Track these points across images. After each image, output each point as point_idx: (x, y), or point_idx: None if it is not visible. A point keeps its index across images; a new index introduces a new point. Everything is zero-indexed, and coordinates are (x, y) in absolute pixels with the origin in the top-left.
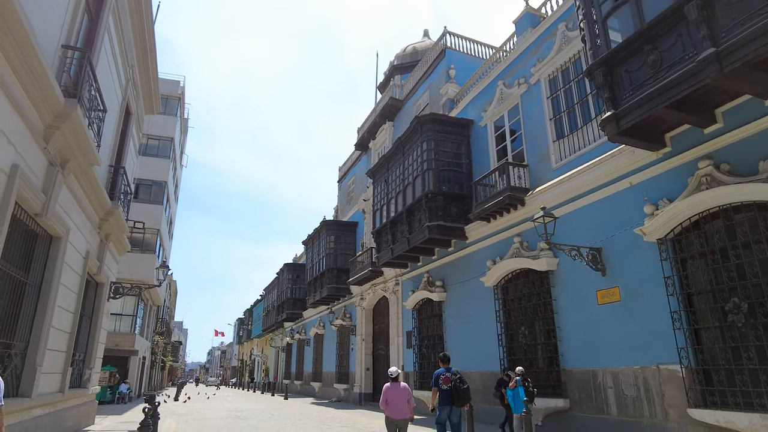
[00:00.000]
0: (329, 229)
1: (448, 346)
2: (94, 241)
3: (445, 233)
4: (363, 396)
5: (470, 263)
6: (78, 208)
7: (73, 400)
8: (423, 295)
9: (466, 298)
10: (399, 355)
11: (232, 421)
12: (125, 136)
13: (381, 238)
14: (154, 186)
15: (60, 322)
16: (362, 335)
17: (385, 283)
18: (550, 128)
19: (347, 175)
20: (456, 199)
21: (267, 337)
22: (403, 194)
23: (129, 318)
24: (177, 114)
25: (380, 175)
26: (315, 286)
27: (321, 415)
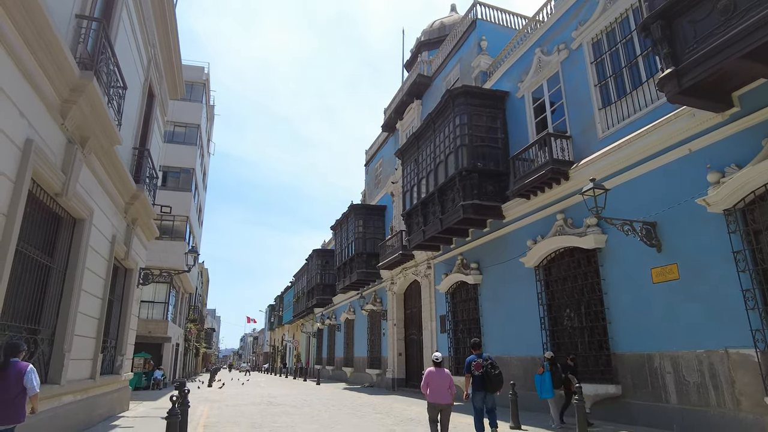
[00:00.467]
0: (357, 213)
1: (485, 330)
2: (121, 226)
3: (480, 213)
4: (396, 381)
5: (508, 244)
6: (101, 190)
7: (106, 387)
8: (457, 278)
9: (504, 281)
10: (432, 340)
11: (265, 408)
12: (149, 119)
13: (412, 220)
14: (182, 173)
15: (87, 307)
16: (393, 320)
17: (416, 267)
18: (595, 95)
19: (374, 158)
20: (492, 177)
21: (298, 323)
22: (435, 173)
23: (161, 305)
24: (202, 100)
25: (410, 154)
26: (344, 272)
27: (354, 402)
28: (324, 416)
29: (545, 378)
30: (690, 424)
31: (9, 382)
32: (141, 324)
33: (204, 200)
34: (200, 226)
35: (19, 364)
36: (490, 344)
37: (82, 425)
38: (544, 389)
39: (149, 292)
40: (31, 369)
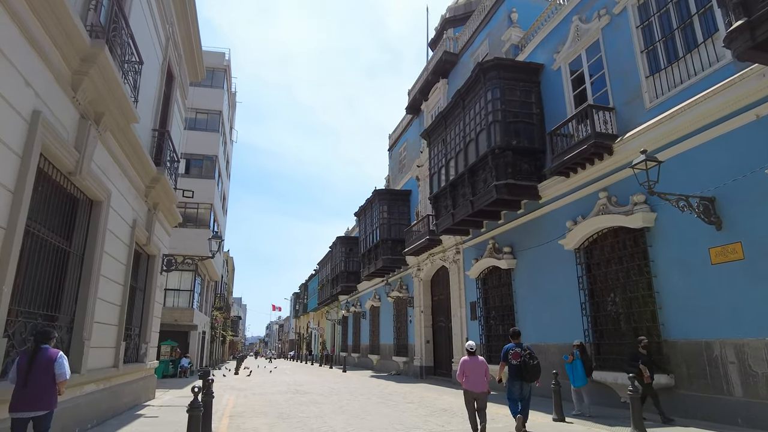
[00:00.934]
0: (382, 198)
1: (519, 317)
2: (141, 210)
3: (515, 193)
4: (424, 369)
5: (544, 225)
6: (119, 171)
7: (130, 375)
8: (488, 263)
9: (541, 264)
10: (462, 327)
11: (292, 396)
12: (169, 101)
13: (439, 204)
14: (205, 160)
15: (108, 293)
16: (420, 307)
17: (444, 252)
18: (641, 62)
19: (398, 142)
20: (527, 154)
21: (323, 311)
22: (465, 153)
23: (187, 293)
24: (224, 86)
25: (437, 135)
26: (369, 258)
27: (383, 390)
28: (353, 406)
29: (576, 366)
30: (758, 418)
31: (40, 368)
32: (167, 312)
33: (228, 188)
34: (225, 215)
35: (49, 351)
36: (525, 331)
37: (106, 415)
38: (576, 378)
39: (174, 280)
40: (62, 356)
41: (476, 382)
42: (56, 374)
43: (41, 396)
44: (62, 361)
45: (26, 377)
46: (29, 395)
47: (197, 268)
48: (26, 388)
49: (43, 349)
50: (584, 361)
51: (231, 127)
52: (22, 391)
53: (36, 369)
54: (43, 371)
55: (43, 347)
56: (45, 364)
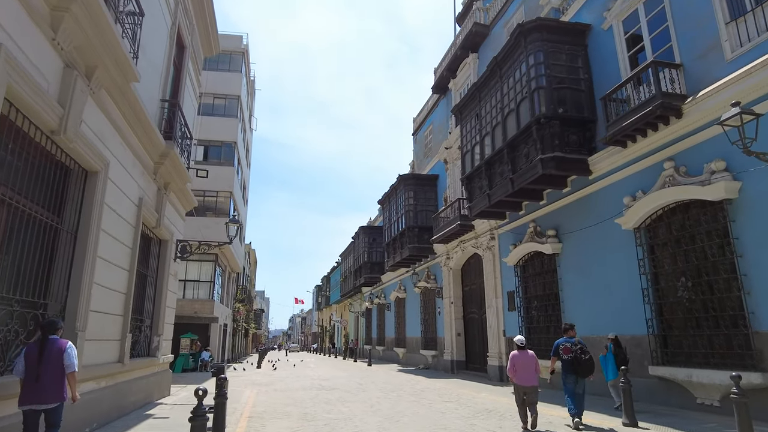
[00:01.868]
0: (407, 184)
1: (567, 306)
2: (150, 189)
3: (563, 168)
4: (455, 364)
5: (596, 204)
6: (119, 139)
7: (140, 371)
8: (529, 249)
9: (591, 248)
10: (498, 318)
11: (317, 393)
12: (180, 73)
13: (473, 185)
14: (223, 147)
15: (108, 279)
16: (450, 298)
17: (476, 239)
18: (719, 6)
19: (423, 125)
20: (575, 125)
21: (345, 303)
22: (503, 126)
23: (207, 284)
24: (242, 70)
25: (469, 110)
26: (394, 248)
27: (414, 386)
28: (384, 405)
29: (609, 359)
30: None
31: (50, 360)
32: (186, 304)
33: (248, 178)
34: (245, 205)
35: (58, 342)
36: (575, 322)
37: (110, 416)
38: (609, 371)
39: (194, 271)
40: (71, 346)
41: (526, 376)
42: (65, 365)
43: (52, 388)
44: (71, 352)
45: (38, 370)
46: (40, 388)
47: (217, 258)
48: (38, 381)
49: (51, 340)
50: (617, 355)
51: (250, 114)
52: (34, 384)
53: (46, 361)
54: (53, 363)
55: (51, 338)
56: (55, 356)
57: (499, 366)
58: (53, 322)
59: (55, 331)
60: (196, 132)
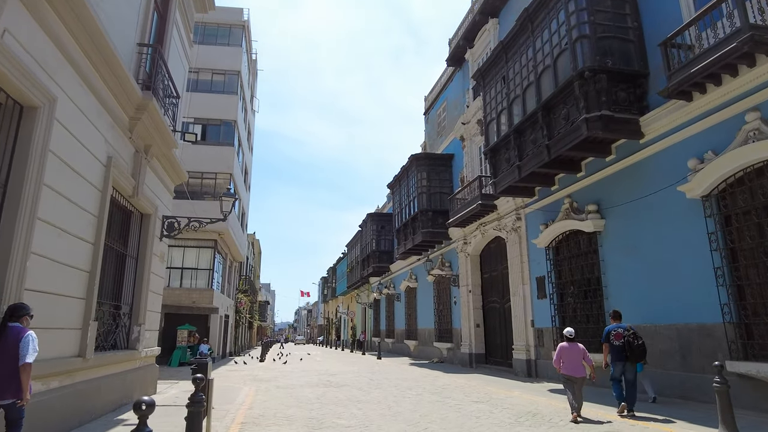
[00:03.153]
0: (420, 164)
1: (611, 291)
2: (124, 149)
3: (611, 129)
4: (474, 357)
5: (649, 171)
6: (74, 74)
7: (113, 367)
8: (564, 227)
9: (643, 223)
10: (526, 307)
11: (324, 391)
12: (165, 21)
13: (498, 157)
14: (223, 126)
15: (59, 250)
16: (468, 286)
17: (499, 221)
18: None
19: (436, 102)
20: (624, 80)
21: (352, 294)
22: (536, 87)
23: (205, 272)
24: (242, 45)
25: (494, 73)
26: (405, 234)
27: (433, 382)
28: (405, 406)
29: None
30: None
31: (5, 350)
32: (184, 293)
33: (250, 162)
34: (247, 191)
35: (16, 330)
36: (623, 309)
37: (68, 423)
38: None
39: (191, 258)
40: (30, 335)
41: (574, 366)
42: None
43: (7, 381)
44: (27, 341)
45: None
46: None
47: (216, 245)
48: None
49: (10, 327)
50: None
51: (252, 95)
52: None
53: (1, 351)
54: (8, 353)
55: (11, 325)
56: (11, 345)
57: (527, 360)
58: (19, 306)
59: (20, 317)
60: (193, 109)
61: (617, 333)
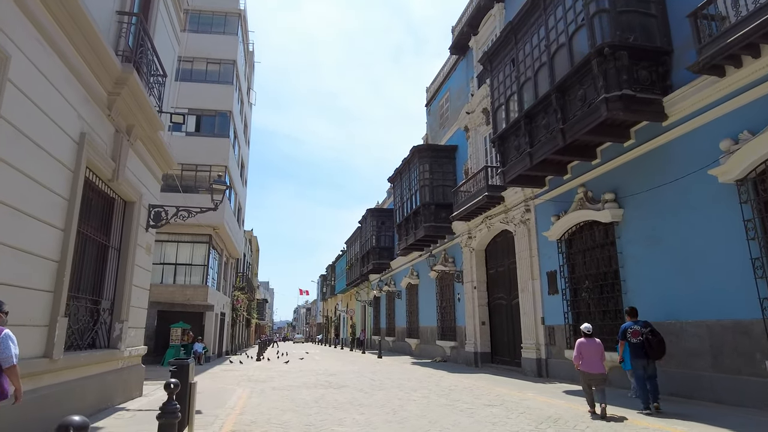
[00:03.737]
0: (422, 156)
1: (630, 286)
2: (101, 126)
3: (633, 109)
4: (479, 356)
5: (673, 155)
6: (34, 32)
7: (89, 368)
8: (578, 218)
9: (667, 211)
10: (536, 303)
11: (323, 393)
12: None
13: (507, 145)
14: (218, 117)
15: (17, 234)
16: (473, 282)
17: (506, 213)
18: None
19: (438, 92)
20: (645, 57)
21: (351, 292)
22: (549, 67)
23: (200, 268)
24: (238, 33)
25: (502, 56)
26: (407, 229)
27: (438, 383)
28: (412, 411)
29: (626, 348)
30: None
31: None
32: (178, 290)
33: (247, 157)
34: (244, 185)
35: None
36: (645, 305)
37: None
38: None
39: (185, 253)
40: (7, 334)
41: (593, 363)
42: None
43: None
44: (7, 341)
45: None
46: None
47: (211, 240)
48: None
49: None
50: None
51: (249, 87)
52: None
53: None
54: None
55: None
56: None
57: (537, 359)
58: None
59: None
60: (186, 99)
61: (635, 330)
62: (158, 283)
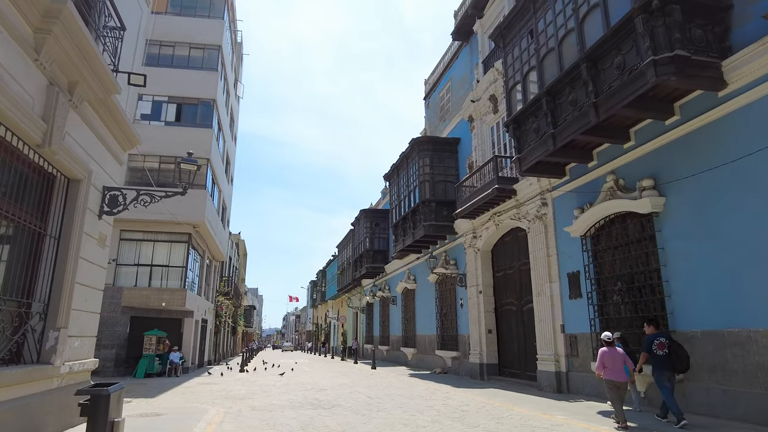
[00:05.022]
0: (422, 149)
1: (675, 287)
2: (25, 74)
3: (687, 73)
4: (485, 368)
5: (730, 132)
6: None
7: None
8: (608, 210)
9: (725, 198)
10: (554, 309)
11: (311, 417)
12: None
13: (525, 128)
14: (200, 105)
15: None
16: (479, 286)
17: (518, 208)
18: None
19: (439, 83)
20: (699, 14)
21: (343, 298)
22: (578, 34)
23: (178, 270)
24: (224, 17)
25: (518, 29)
26: (404, 229)
27: (446, 401)
28: None
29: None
30: None
31: None
32: (153, 294)
33: (233, 152)
34: (229, 183)
35: None
36: (691, 312)
37: None
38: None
39: (162, 253)
40: None
41: (617, 371)
42: None
43: None
44: None
45: None
46: None
47: (191, 239)
48: None
49: None
50: None
51: (237, 80)
52: None
53: None
54: None
55: None
56: None
57: (556, 372)
58: None
59: None
60: (166, 86)
61: (661, 342)
62: (132, 286)
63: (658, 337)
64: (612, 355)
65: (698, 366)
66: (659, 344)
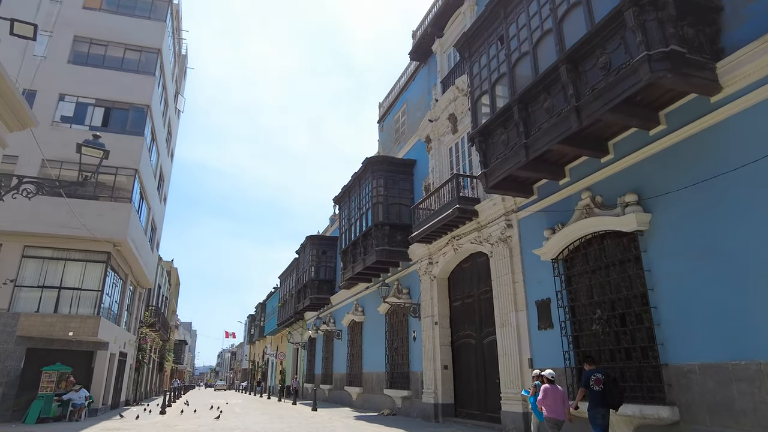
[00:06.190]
0: (376, 169)
1: (666, 314)
2: None
3: (683, 71)
4: (440, 408)
5: (725, 140)
6: None
7: None
8: (584, 230)
9: (719, 212)
10: (521, 342)
11: None
12: None
13: (493, 140)
14: (131, 111)
15: None
16: (434, 316)
17: (479, 231)
18: None
19: (394, 106)
20: (690, 12)
21: (283, 333)
22: (556, 34)
23: (92, 294)
24: (167, 21)
25: (486, 35)
26: (354, 255)
27: None
28: None
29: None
30: None
31: None
32: (59, 321)
33: (169, 170)
34: (162, 202)
35: None
36: (686, 342)
37: None
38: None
39: (74, 274)
40: None
41: (558, 409)
42: None
43: None
44: None
45: None
46: None
47: (110, 258)
48: None
49: None
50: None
51: (178, 92)
52: None
53: None
54: None
55: None
56: None
57: (524, 413)
58: None
59: None
60: (95, 87)
61: (598, 378)
62: (32, 311)
63: (595, 372)
64: (554, 392)
65: (696, 405)
66: (596, 380)
